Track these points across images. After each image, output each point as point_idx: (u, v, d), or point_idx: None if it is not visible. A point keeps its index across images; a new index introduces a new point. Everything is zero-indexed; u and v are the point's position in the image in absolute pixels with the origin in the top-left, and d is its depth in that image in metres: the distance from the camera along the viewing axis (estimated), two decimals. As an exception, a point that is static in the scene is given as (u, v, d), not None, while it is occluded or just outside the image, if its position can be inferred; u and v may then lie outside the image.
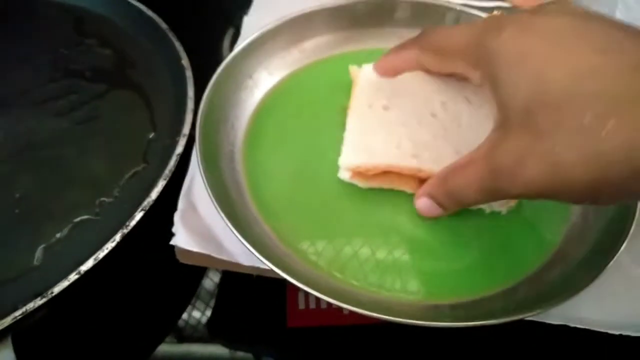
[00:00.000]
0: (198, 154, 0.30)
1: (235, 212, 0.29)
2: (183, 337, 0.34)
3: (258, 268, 0.29)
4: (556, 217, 0.31)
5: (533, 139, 0.22)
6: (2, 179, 0.35)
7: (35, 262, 0.32)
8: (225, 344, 0.35)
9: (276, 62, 0.39)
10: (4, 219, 0.33)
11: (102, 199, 0.35)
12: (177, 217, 0.31)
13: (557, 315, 0.28)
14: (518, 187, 0.23)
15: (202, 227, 0.31)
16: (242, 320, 0.35)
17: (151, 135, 0.38)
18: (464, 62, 0.27)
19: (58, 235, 0.33)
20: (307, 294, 0.34)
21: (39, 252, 0.32)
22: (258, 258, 0.26)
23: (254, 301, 0.36)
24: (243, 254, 0.30)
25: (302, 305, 0.35)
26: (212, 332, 0.35)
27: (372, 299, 0.27)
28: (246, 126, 0.35)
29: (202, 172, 0.29)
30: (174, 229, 0.31)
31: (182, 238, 0.30)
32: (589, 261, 0.28)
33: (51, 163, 0.37)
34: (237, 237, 0.27)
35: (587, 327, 0.28)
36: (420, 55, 0.29)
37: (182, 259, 0.31)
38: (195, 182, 0.33)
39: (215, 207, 0.28)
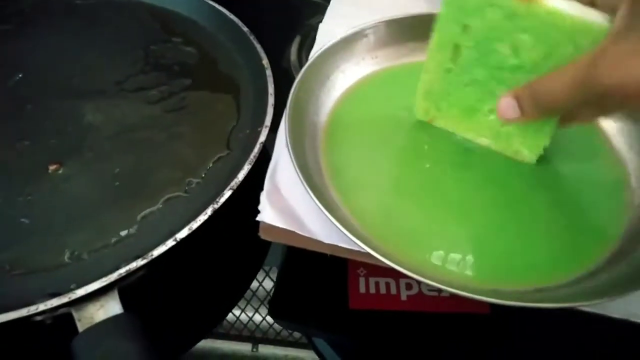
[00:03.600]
0: (288, 140, 0.33)
1: (319, 194, 0.32)
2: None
3: (337, 247, 0.32)
4: (615, 212, 0.33)
5: None
6: (104, 156, 0.39)
7: (132, 230, 0.35)
8: (285, 323, 0.38)
9: (351, 67, 0.42)
10: (105, 190, 0.37)
11: (190, 179, 0.38)
12: (263, 196, 0.34)
13: (619, 309, 0.29)
14: (615, 76, 0.25)
15: (285, 207, 0.34)
16: (303, 301, 0.38)
17: (233, 126, 0.42)
18: None
19: (152, 208, 0.36)
20: (367, 278, 0.37)
21: (136, 222, 0.35)
22: (345, 234, 0.29)
23: (315, 284, 0.38)
24: (323, 233, 0.32)
25: (362, 289, 0.37)
26: (273, 312, 0.37)
27: (453, 281, 0.29)
28: (325, 121, 0.38)
29: (291, 156, 0.32)
30: (260, 207, 0.33)
31: (268, 215, 0.33)
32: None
33: (144, 145, 0.40)
34: (324, 213, 0.29)
35: (647, 323, 0.29)
36: None
37: (265, 235, 0.34)
38: (279, 167, 0.36)
39: (304, 186, 0.31)
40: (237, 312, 0.37)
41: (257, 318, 0.37)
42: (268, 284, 0.39)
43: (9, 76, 0.45)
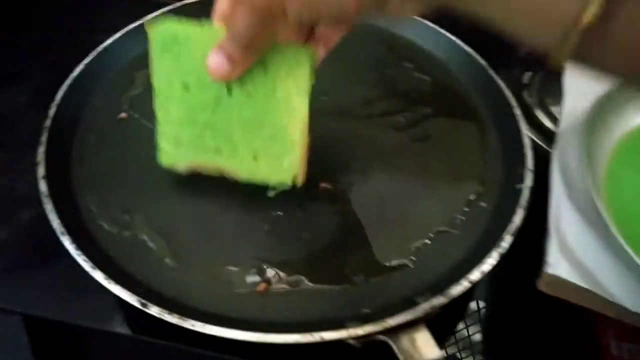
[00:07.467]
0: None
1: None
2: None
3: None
4: None
5: None
6: (363, 178, 0.40)
7: (407, 261, 0.36)
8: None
9: None
10: (371, 218, 0.38)
11: (454, 214, 0.38)
12: (553, 246, 0.34)
13: None
14: None
15: (575, 260, 0.33)
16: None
17: (483, 161, 0.42)
18: None
19: (424, 240, 0.37)
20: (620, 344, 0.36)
21: (411, 252, 0.36)
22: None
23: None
24: (626, 297, 0.31)
25: (614, 351, 0.36)
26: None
27: None
28: (603, 166, 0.38)
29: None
30: (550, 258, 0.33)
31: (563, 268, 0.32)
32: None
33: (398, 171, 0.41)
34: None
35: None
36: None
37: (547, 288, 0.33)
38: (562, 217, 0.35)
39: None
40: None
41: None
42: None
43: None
